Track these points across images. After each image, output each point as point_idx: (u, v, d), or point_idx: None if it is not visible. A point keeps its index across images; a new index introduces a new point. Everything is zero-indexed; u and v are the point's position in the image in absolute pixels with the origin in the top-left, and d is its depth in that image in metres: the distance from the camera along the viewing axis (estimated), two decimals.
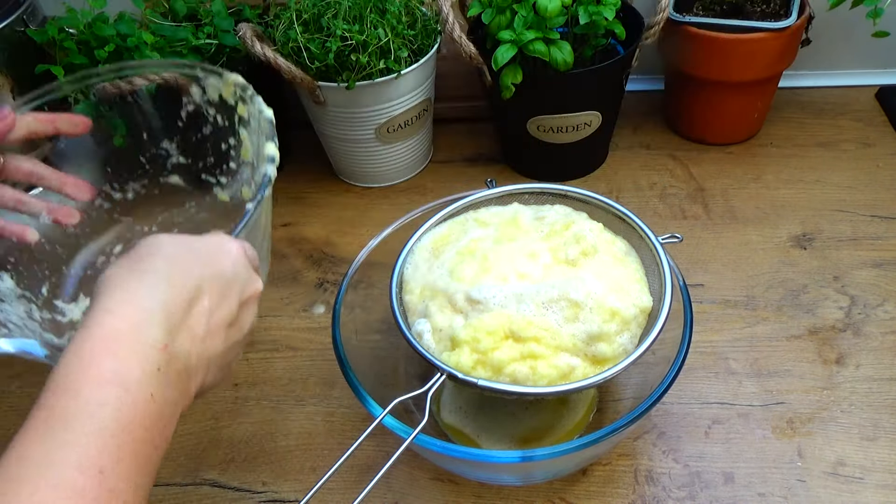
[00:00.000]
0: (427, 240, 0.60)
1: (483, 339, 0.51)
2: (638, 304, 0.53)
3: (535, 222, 0.60)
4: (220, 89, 0.67)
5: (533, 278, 0.55)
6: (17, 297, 0.62)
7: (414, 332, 0.55)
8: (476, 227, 0.61)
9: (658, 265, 0.56)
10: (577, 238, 0.56)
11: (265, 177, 0.56)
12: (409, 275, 0.58)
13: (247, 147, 0.69)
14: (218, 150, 0.71)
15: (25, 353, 0.50)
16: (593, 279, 0.53)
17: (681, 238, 0.59)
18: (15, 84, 0.83)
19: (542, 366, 0.51)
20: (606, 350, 0.52)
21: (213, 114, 0.69)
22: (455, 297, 0.54)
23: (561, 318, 0.52)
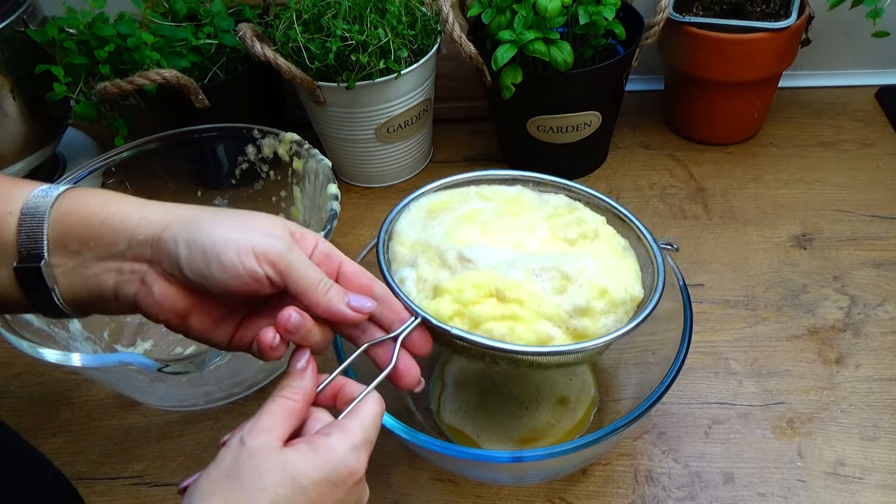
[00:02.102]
0: (425, 201, 0.60)
1: (467, 290, 0.50)
2: (630, 292, 0.52)
3: (539, 203, 0.60)
4: (276, 147, 0.73)
5: (528, 249, 0.55)
6: (84, 339, 0.69)
7: (397, 277, 0.53)
8: (478, 199, 0.60)
9: (653, 263, 0.55)
10: (580, 220, 0.56)
11: (332, 211, 0.65)
12: (403, 228, 0.57)
13: (297, 197, 0.77)
14: (268, 203, 0.79)
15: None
16: (589, 259, 0.53)
17: (676, 248, 0.59)
18: (15, 84, 0.83)
19: (521, 329, 0.49)
20: (589, 326, 0.50)
21: (266, 170, 0.75)
22: (447, 253, 0.53)
23: (549, 287, 0.51)
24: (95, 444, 0.67)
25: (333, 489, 0.41)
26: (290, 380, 0.44)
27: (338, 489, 0.41)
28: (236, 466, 0.39)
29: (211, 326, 0.46)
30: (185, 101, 0.80)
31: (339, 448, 0.41)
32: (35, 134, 0.87)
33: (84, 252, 0.44)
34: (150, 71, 0.76)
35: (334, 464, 0.41)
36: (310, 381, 0.44)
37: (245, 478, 0.39)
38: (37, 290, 0.44)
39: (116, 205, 0.45)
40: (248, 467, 0.39)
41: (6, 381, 0.73)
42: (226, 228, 0.43)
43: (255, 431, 0.41)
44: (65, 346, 0.63)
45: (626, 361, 0.65)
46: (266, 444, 0.40)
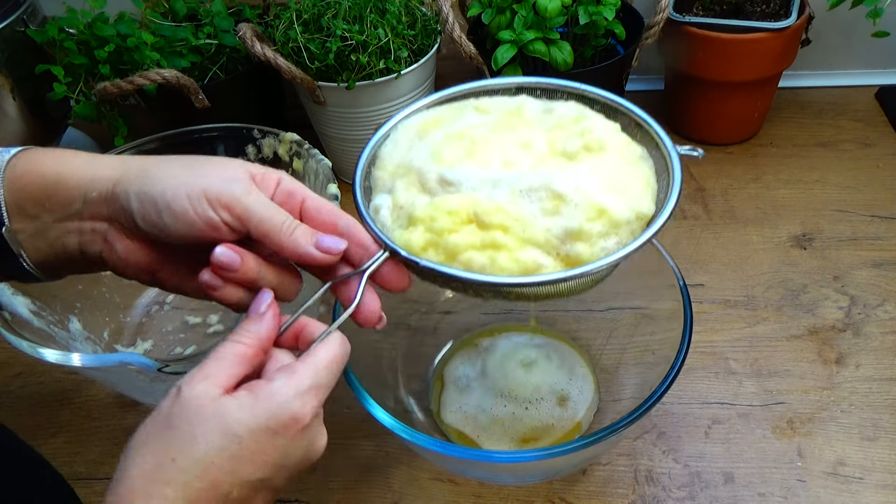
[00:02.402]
0: (416, 120, 0.53)
1: (441, 218, 0.44)
2: (635, 208, 0.46)
3: (542, 115, 0.52)
4: (276, 147, 0.73)
5: (519, 167, 0.48)
6: (84, 339, 0.69)
7: (372, 206, 0.48)
8: (474, 113, 0.53)
9: (669, 173, 0.48)
10: (584, 131, 0.49)
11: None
12: (386, 152, 0.52)
13: None
14: None
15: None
16: (588, 174, 0.46)
17: (701, 154, 0.50)
18: (15, 84, 0.83)
19: (504, 258, 0.44)
20: (584, 252, 0.44)
21: None
22: (427, 176, 0.48)
23: (538, 209, 0.45)
24: (95, 444, 0.67)
25: (274, 437, 0.38)
26: (244, 323, 0.41)
27: (279, 437, 0.38)
28: (170, 416, 0.37)
29: (183, 279, 0.45)
30: (185, 101, 0.80)
31: (282, 393, 0.38)
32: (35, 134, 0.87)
33: (42, 215, 0.43)
34: (150, 71, 0.76)
35: (274, 410, 0.38)
36: (266, 326, 0.41)
37: (177, 428, 0.36)
38: (4, 257, 0.43)
39: (68, 163, 0.43)
40: (181, 417, 0.37)
41: (6, 381, 0.73)
42: (176, 175, 0.41)
43: (195, 379, 0.38)
44: (65, 346, 0.63)
45: (626, 361, 0.65)
46: (204, 392, 0.38)
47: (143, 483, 0.35)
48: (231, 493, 0.37)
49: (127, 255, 0.43)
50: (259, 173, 0.44)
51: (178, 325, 0.77)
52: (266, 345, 0.41)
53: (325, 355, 0.41)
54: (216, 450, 0.36)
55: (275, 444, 0.38)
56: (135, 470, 0.36)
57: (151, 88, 0.78)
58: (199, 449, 0.36)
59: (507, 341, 0.70)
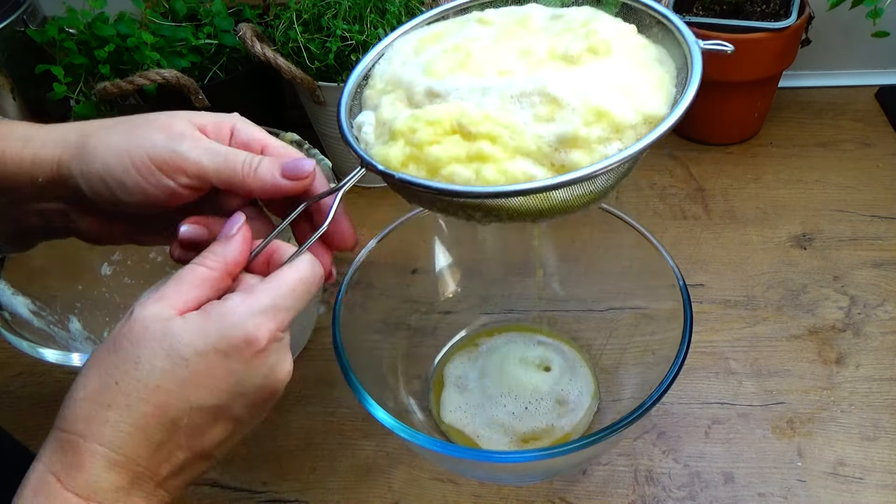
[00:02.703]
0: (414, 36, 0.50)
1: (421, 129, 0.41)
2: (641, 110, 0.42)
3: (550, 22, 0.48)
4: None
5: (515, 75, 0.44)
6: (84, 339, 0.68)
7: (354, 124, 0.46)
8: (476, 26, 0.49)
9: (688, 69, 0.44)
10: (589, 33, 0.45)
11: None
12: (379, 69, 0.49)
13: None
14: None
15: None
16: (588, 76, 0.42)
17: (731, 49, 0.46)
18: (15, 84, 0.83)
19: (490, 171, 0.40)
20: (582, 160, 0.40)
21: None
22: (415, 90, 0.44)
23: (530, 115, 0.41)
24: None
25: (225, 359, 0.35)
26: (212, 245, 0.39)
27: (231, 360, 0.35)
28: (117, 338, 0.36)
29: (165, 236, 0.43)
30: (185, 101, 0.80)
31: (235, 313, 0.36)
32: None
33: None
34: (150, 71, 0.76)
35: (226, 329, 0.35)
36: (235, 248, 0.39)
37: (122, 350, 0.35)
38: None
39: (5, 142, 0.40)
40: (127, 338, 0.35)
41: (6, 381, 0.73)
42: (117, 144, 0.39)
43: (150, 301, 0.37)
44: (65, 346, 0.63)
45: (626, 361, 0.65)
46: (155, 314, 0.36)
47: (85, 406, 0.34)
48: (181, 420, 0.35)
49: (97, 230, 0.42)
50: (209, 122, 0.42)
51: None
52: (232, 269, 0.39)
53: (290, 276, 0.38)
54: (160, 372, 0.34)
55: (228, 367, 0.36)
56: (79, 393, 0.35)
57: (151, 88, 0.78)
58: (142, 371, 0.34)
59: (507, 341, 0.70)
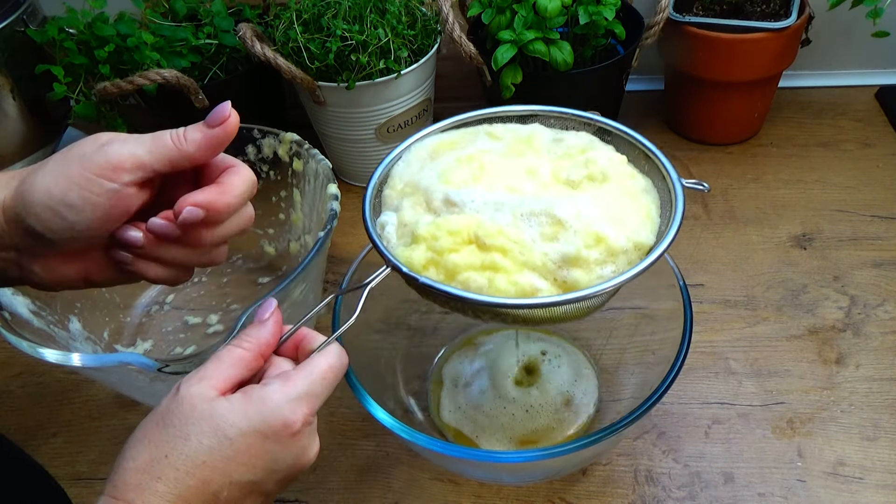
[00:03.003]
0: (430, 142, 0.55)
1: (442, 237, 0.46)
2: (633, 238, 0.46)
3: (552, 144, 0.54)
4: (276, 148, 0.73)
5: (522, 193, 0.49)
6: (84, 339, 0.69)
7: (378, 222, 0.50)
8: (486, 139, 0.55)
9: (672, 205, 0.49)
10: (588, 161, 0.50)
11: (332, 211, 0.64)
12: (399, 171, 0.53)
13: (297, 200, 0.77)
14: (268, 203, 0.78)
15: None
16: (588, 202, 0.47)
17: (707, 188, 0.51)
18: (15, 84, 0.83)
19: (502, 280, 0.45)
20: (581, 278, 0.45)
21: (266, 170, 0.76)
22: (433, 196, 0.49)
23: (537, 233, 0.46)
24: (95, 444, 0.67)
25: (264, 441, 0.39)
26: (247, 329, 0.43)
27: (270, 441, 0.39)
28: (166, 414, 0.39)
29: (113, 272, 0.45)
30: (185, 101, 0.80)
31: (274, 398, 0.39)
32: (35, 134, 0.87)
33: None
34: (150, 71, 0.76)
35: (265, 414, 0.39)
36: (268, 331, 0.43)
37: (171, 425, 0.38)
38: None
39: None
40: (176, 415, 0.38)
41: (6, 381, 0.73)
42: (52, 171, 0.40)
43: (193, 379, 0.40)
44: (65, 346, 0.63)
45: (626, 361, 0.65)
46: (199, 393, 0.39)
47: (136, 476, 0.37)
48: (221, 493, 0.38)
49: (50, 274, 0.43)
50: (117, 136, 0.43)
51: (177, 325, 0.77)
52: (265, 350, 0.42)
53: (321, 365, 0.42)
54: (207, 449, 0.38)
55: (265, 447, 0.39)
56: (130, 463, 0.38)
57: (151, 88, 0.78)
58: (190, 447, 0.37)
59: (506, 338, 0.70)
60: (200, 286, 0.81)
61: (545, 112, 0.57)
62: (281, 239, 0.81)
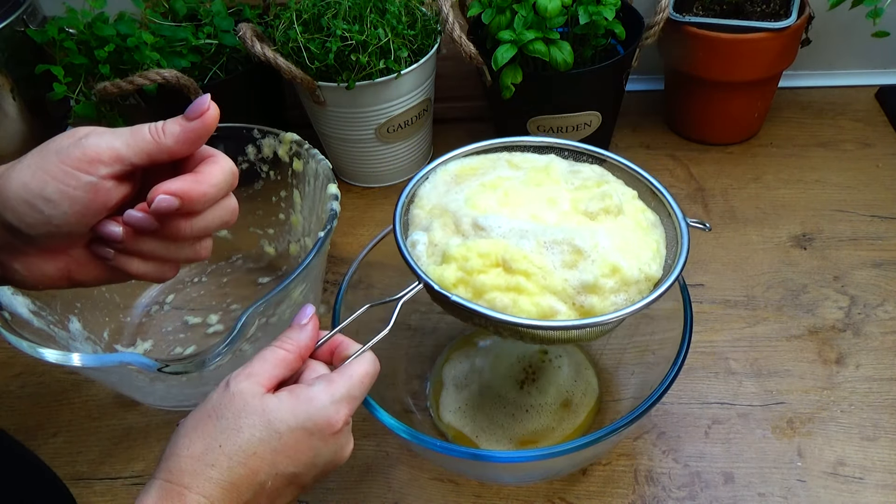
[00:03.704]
0: (453, 166, 0.59)
1: (473, 259, 0.50)
2: (645, 271, 0.50)
3: (568, 175, 0.58)
4: (276, 148, 0.73)
5: (545, 221, 0.53)
6: (84, 339, 0.69)
7: (409, 241, 0.53)
8: (507, 167, 0.59)
9: (678, 241, 0.54)
10: (604, 195, 0.54)
11: (332, 211, 0.65)
12: (426, 191, 0.57)
13: (297, 202, 0.77)
14: (268, 203, 0.78)
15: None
16: (605, 234, 0.51)
17: (708, 227, 0.56)
18: (15, 84, 0.83)
19: (525, 301, 0.49)
20: (597, 304, 0.49)
21: (266, 170, 0.76)
22: (462, 219, 0.53)
23: (559, 260, 0.50)
24: (95, 444, 0.67)
25: (310, 437, 0.42)
26: (287, 331, 0.46)
27: (314, 438, 0.42)
28: (218, 406, 0.42)
29: (98, 270, 0.45)
30: (185, 101, 0.79)
31: (320, 398, 0.42)
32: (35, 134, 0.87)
33: None
34: (150, 71, 0.76)
35: (312, 412, 0.42)
36: (307, 335, 0.46)
37: (224, 418, 0.41)
38: None
39: None
40: (228, 408, 0.41)
41: (6, 381, 0.73)
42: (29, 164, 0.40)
43: (241, 376, 0.43)
44: (65, 346, 0.63)
45: (627, 361, 0.65)
46: (249, 389, 0.42)
47: (191, 463, 0.40)
48: (266, 483, 0.41)
49: (29, 272, 0.43)
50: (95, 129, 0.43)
51: (177, 325, 0.77)
52: (304, 353, 0.46)
53: (359, 370, 0.45)
54: (258, 441, 0.41)
55: (310, 443, 0.42)
56: (185, 451, 0.40)
57: (151, 88, 0.78)
58: (242, 438, 0.40)
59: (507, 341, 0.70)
60: (200, 286, 0.81)
61: (560, 145, 0.61)
62: (281, 239, 0.81)
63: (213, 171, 0.43)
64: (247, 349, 0.63)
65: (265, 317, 0.60)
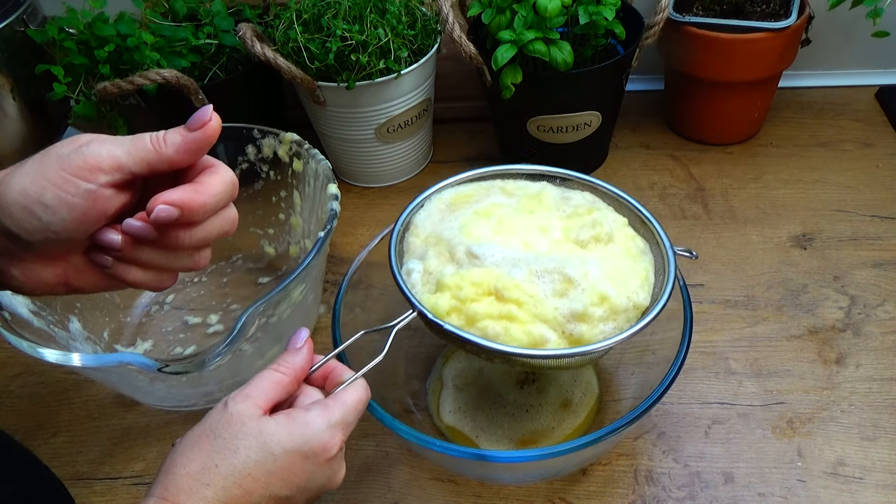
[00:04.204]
0: (448, 194, 0.60)
1: (466, 287, 0.51)
2: (633, 299, 0.51)
3: (560, 202, 0.59)
4: (276, 148, 0.73)
5: (537, 250, 0.54)
6: (84, 339, 0.69)
7: (405, 269, 0.54)
8: (500, 194, 0.60)
9: (665, 271, 0.54)
10: (595, 223, 0.55)
11: (332, 211, 0.65)
12: (421, 220, 0.58)
13: (297, 203, 0.77)
14: (268, 203, 0.78)
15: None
16: (595, 263, 0.52)
17: (695, 256, 0.57)
18: (15, 84, 0.83)
19: (516, 330, 0.50)
20: (586, 332, 0.50)
21: (266, 170, 0.76)
22: (456, 248, 0.54)
23: (550, 289, 0.51)
24: (95, 444, 0.67)
25: (304, 461, 0.43)
26: (283, 355, 0.46)
27: (309, 461, 0.43)
28: (216, 427, 0.42)
29: (95, 277, 0.45)
30: (185, 101, 0.80)
31: (315, 423, 0.43)
32: (35, 134, 0.87)
33: None
34: (150, 71, 0.76)
35: (308, 437, 0.43)
36: (302, 358, 0.46)
37: (222, 438, 0.42)
38: None
39: None
40: (226, 429, 0.42)
41: (6, 381, 0.73)
42: (28, 171, 0.40)
43: (239, 398, 0.43)
44: (65, 346, 0.63)
45: (626, 361, 0.65)
46: (246, 410, 0.43)
47: (187, 481, 0.40)
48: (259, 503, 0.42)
49: (27, 277, 0.43)
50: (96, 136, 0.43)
51: (177, 325, 0.77)
52: (300, 375, 0.46)
53: (353, 397, 0.46)
54: (254, 462, 0.41)
55: (304, 467, 0.43)
56: (182, 469, 0.41)
57: (151, 88, 0.78)
58: (239, 459, 0.41)
59: None
60: (200, 286, 0.81)
61: (552, 173, 0.61)
62: (281, 239, 0.81)
63: (213, 181, 0.43)
64: (247, 349, 0.63)
65: (265, 317, 0.60)
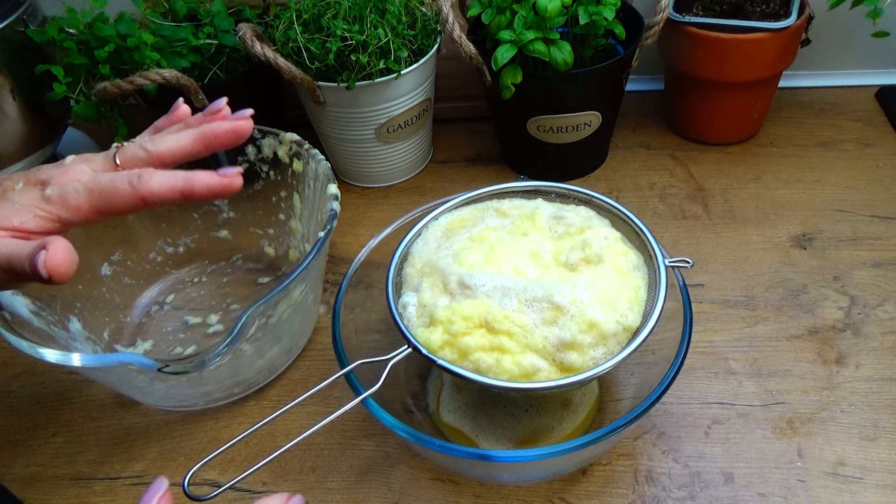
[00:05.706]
0: (444, 220, 0.61)
1: (457, 322, 0.51)
2: (622, 322, 0.52)
3: (553, 221, 0.59)
4: (276, 148, 0.74)
5: (527, 276, 0.55)
6: (84, 339, 0.69)
7: (400, 302, 0.55)
8: (495, 216, 0.61)
9: (656, 287, 0.54)
10: (584, 244, 0.56)
11: (332, 211, 0.65)
12: (418, 249, 0.59)
13: (296, 206, 0.77)
14: (268, 204, 0.78)
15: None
16: (584, 287, 0.53)
17: (691, 264, 0.57)
18: (15, 84, 0.83)
19: (507, 361, 0.51)
20: (576, 360, 0.51)
21: (266, 170, 0.76)
22: (449, 278, 0.55)
23: (539, 318, 0.52)
24: (95, 444, 0.67)
25: None
26: None
27: None
28: None
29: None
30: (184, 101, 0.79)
31: None
32: (35, 134, 0.87)
33: None
34: (150, 71, 0.76)
35: None
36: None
37: None
38: None
39: None
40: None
41: (6, 381, 0.73)
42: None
43: None
44: (65, 346, 0.63)
45: (626, 361, 0.65)
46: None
47: None
48: None
49: None
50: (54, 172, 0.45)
51: (178, 325, 0.77)
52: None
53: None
54: None
55: None
56: None
57: (151, 88, 0.78)
58: None
59: None
60: (200, 286, 0.81)
61: (548, 188, 0.62)
62: (281, 240, 0.81)
63: None
64: (247, 349, 0.63)
65: (265, 317, 0.60)
